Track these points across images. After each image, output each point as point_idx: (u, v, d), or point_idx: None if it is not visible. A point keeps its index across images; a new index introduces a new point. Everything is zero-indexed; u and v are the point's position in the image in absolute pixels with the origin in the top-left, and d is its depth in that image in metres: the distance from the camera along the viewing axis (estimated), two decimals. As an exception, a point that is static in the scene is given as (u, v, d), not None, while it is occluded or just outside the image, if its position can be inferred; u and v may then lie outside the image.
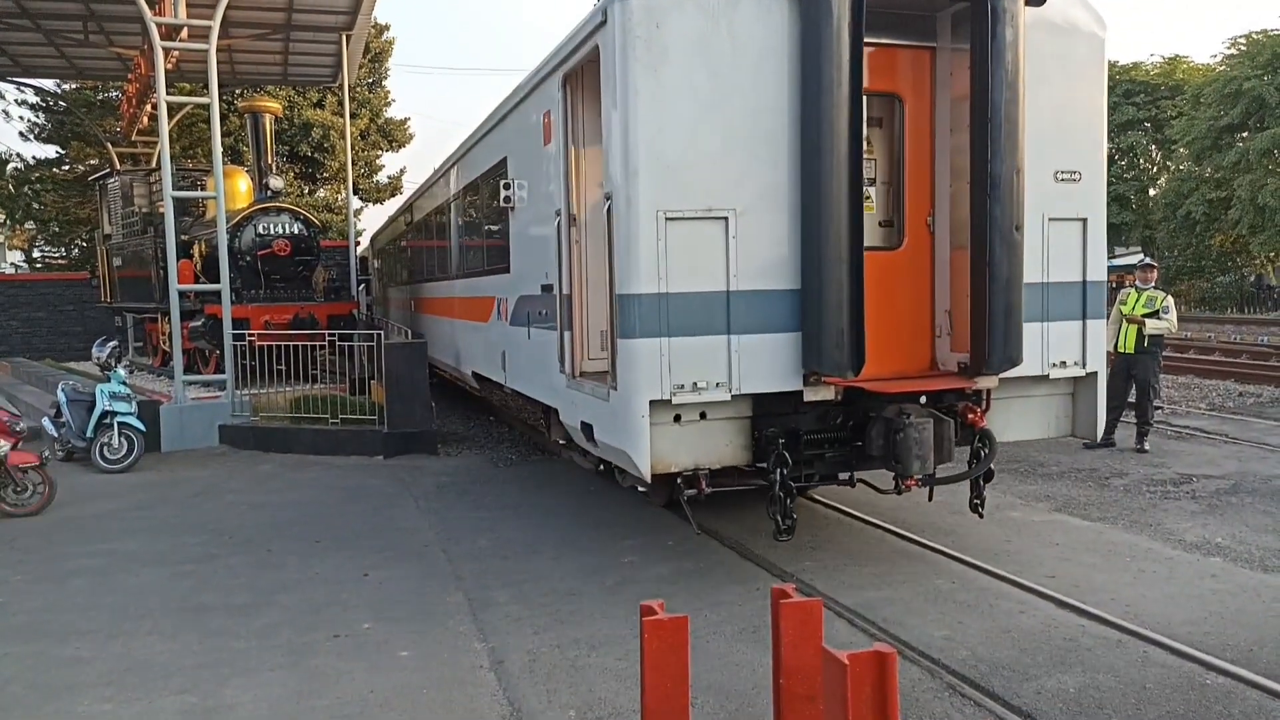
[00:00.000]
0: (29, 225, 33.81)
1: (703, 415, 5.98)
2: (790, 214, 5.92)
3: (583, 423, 6.77)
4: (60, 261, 34.09)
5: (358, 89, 31.49)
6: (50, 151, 32.31)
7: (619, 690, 4.82)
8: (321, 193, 34.09)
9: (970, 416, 6.49)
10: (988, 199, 5.98)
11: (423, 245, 15.75)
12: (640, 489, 7.68)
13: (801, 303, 5.92)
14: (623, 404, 5.94)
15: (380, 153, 35.22)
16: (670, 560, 7.04)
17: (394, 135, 35.28)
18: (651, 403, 5.75)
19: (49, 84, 27.14)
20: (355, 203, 28.38)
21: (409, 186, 32.33)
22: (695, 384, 5.81)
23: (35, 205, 31.44)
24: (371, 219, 37.49)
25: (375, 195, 35.47)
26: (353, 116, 26.72)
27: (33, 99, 30.40)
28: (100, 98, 29.37)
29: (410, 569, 7.04)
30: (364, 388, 13.25)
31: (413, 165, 58.92)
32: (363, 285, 21.78)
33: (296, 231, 16.07)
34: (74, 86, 28.74)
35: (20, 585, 6.88)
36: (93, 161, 29.80)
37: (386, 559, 7.31)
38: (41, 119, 31.52)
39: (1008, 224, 6.00)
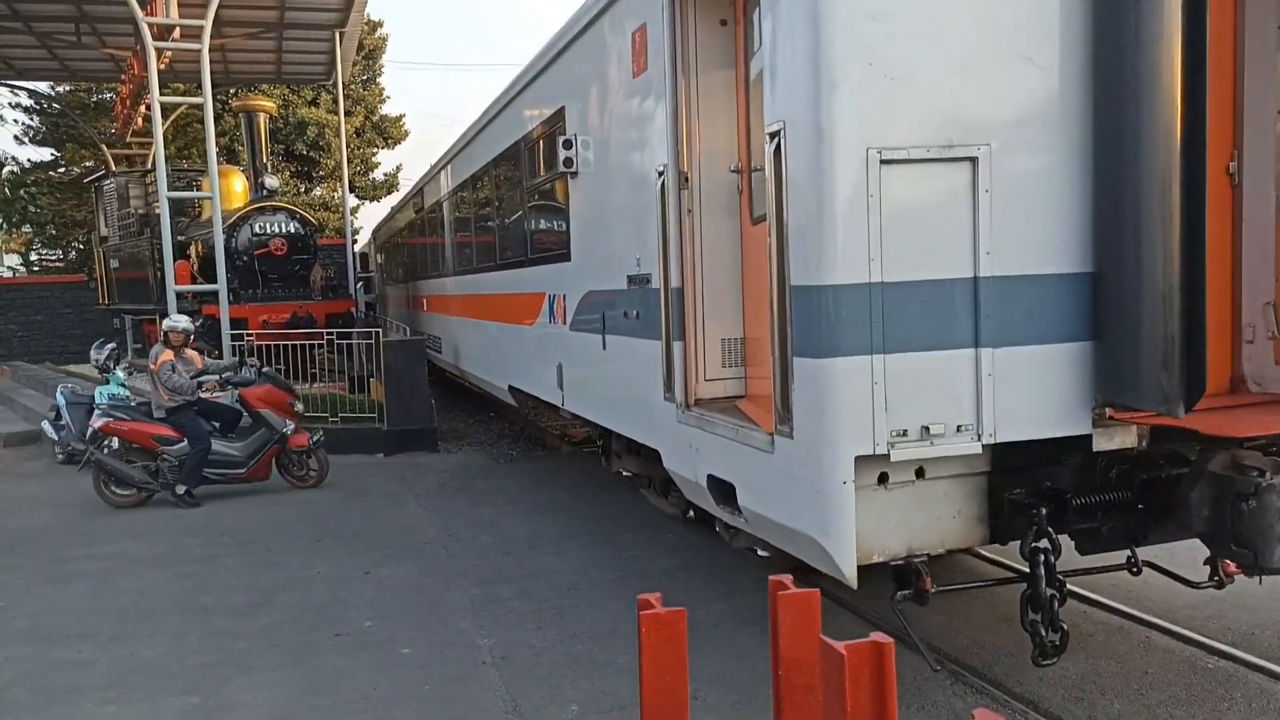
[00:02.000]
0: (26, 228, 33.83)
1: (919, 473, 4.07)
2: (1075, 149, 3.90)
3: (712, 478, 4.93)
4: (57, 264, 34.15)
5: (352, 86, 31.38)
6: (45, 154, 32.33)
7: (621, 684, 4.81)
8: (318, 191, 34.08)
9: None
10: None
11: (436, 236, 14.08)
12: (762, 553, 5.59)
13: (1094, 294, 3.94)
14: (806, 461, 3.97)
15: (376, 150, 35.17)
16: (673, 554, 7.04)
17: (389, 132, 35.20)
18: (858, 459, 3.80)
19: (42, 86, 27.12)
20: (351, 200, 28.34)
21: (405, 183, 32.30)
22: (926, 428, 3.83)
23: (31, 208, 31.48)
24: (368, 216, 37.41)
25: (371, 193, 35.44)
26: (347, 114, 26.60)
27: (26, 102, 30.42)
28: (94, 99, 29.34)
29: (412, 566, 7.04)
30: (363, 386, 13.26)
31: (409, 162, 58.78)
32: (362, 283, 21.78)
33: (293, 230, 16.08)
34: (67, 89, 28.71)
35: (21, 589, 6.88)
36: (88, 163, 29.74)
37: (387, 557, 7.32)
38: (35, 122, 31.52)
39: None
